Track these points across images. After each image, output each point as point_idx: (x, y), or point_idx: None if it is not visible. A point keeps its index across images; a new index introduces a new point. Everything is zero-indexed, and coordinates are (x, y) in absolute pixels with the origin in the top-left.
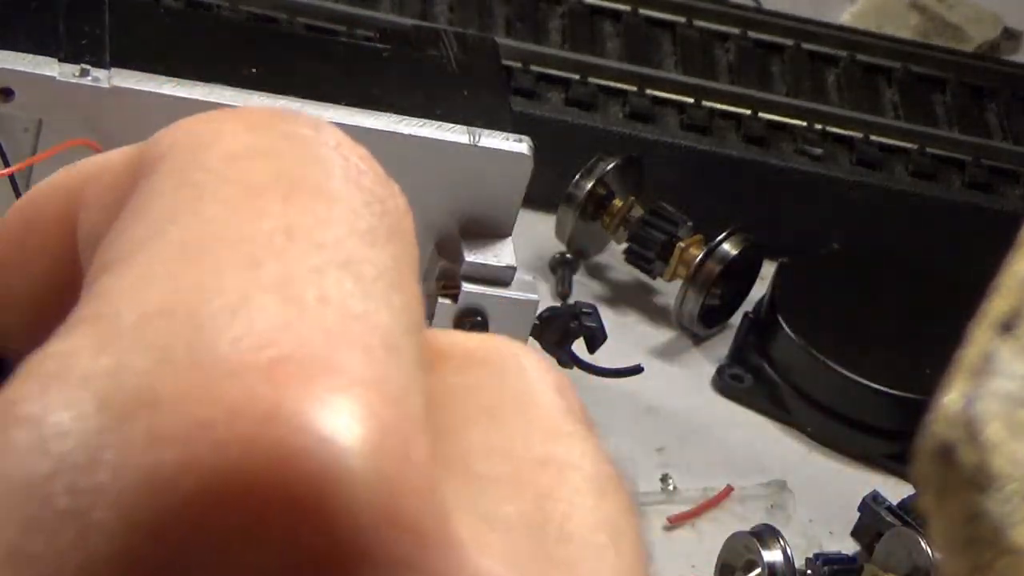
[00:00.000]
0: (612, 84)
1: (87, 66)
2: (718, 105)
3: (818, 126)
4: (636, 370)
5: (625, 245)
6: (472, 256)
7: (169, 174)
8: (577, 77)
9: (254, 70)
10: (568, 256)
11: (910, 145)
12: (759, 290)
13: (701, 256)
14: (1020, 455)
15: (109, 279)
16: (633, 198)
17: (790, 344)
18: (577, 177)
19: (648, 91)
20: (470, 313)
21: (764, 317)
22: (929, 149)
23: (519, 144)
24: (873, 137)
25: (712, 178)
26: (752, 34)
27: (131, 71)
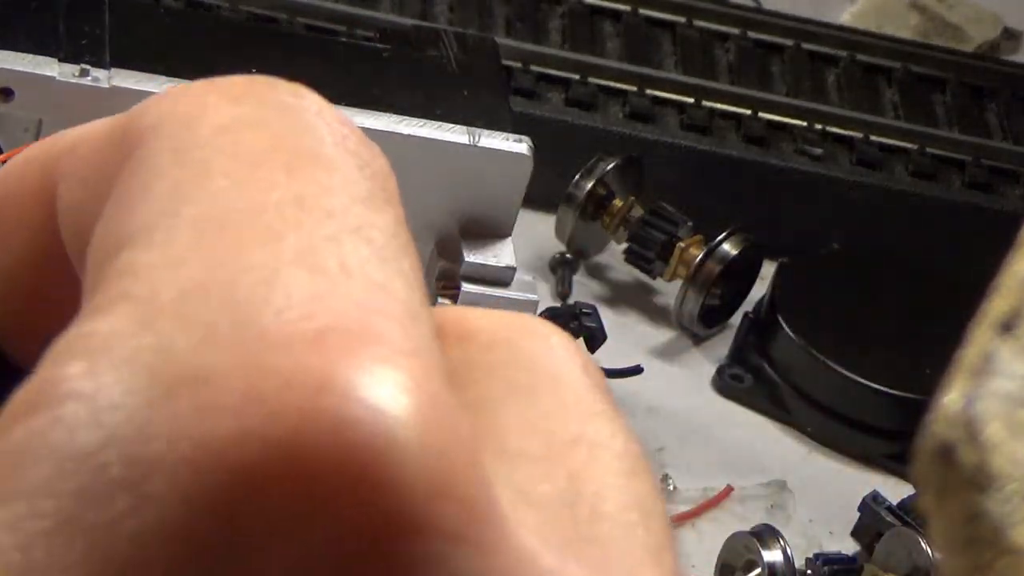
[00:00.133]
0: (612, 84)
1: (87, 66)
2: (718, 105)
3: (818, 126)
4: (636, 370)
5: (625, 245)
6: (472, 256)
7: (164, 150)
8: (577, 77)
9: (254, 70)
10: (568, 256)
11: (910, 145)
12: (759, 290)
13: (701, 256)
14: (1020, 455)
15: (133, 256)
16: (633, 198)
17: (790, 344)
18: (577, 177)
19: (648, 91)
20: None
21: (764, 317)
22: (929, 149)
23: (519, 144)
24: (873, 137)
25: (712, 178)
26: (752, 34)
27: (131, 71)
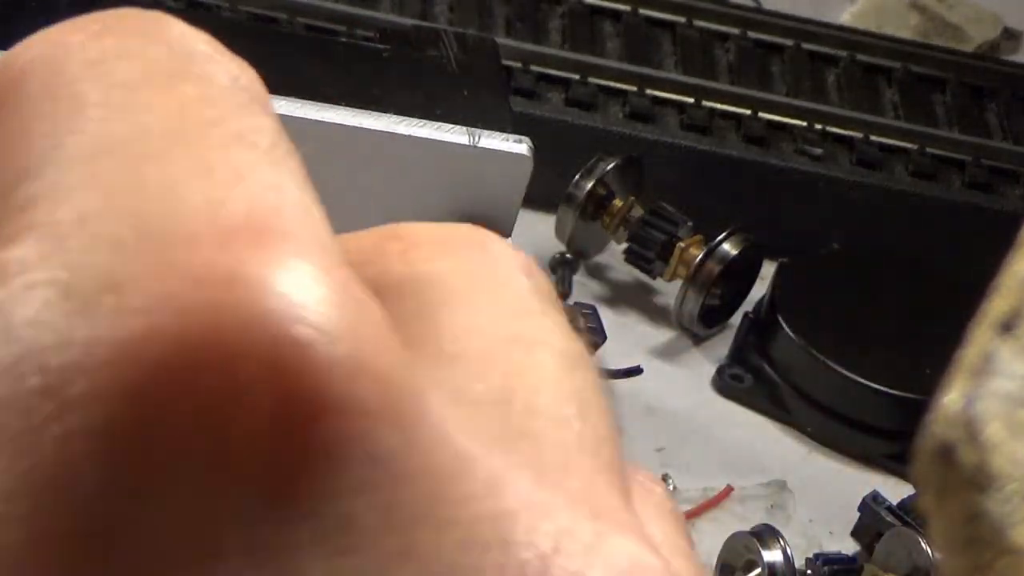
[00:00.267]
0: (612, 84)
1: None
2: (718, 105)
3: (818, 126)
4: (636, 370)
5: (625, 245)
6: None
7: (37, 94)
8: (577, 77)
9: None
10: (568, 256)
11: (910, 145)
12: (759, 290)
13: (701, 256)
14: (1020, 455)
15: (29, 190)
16: (633, 198)
17: (790, 344)
18: (577, 177)
19: (648, 91)
20: None
21: (764, 317)
22: (929, 149)
23: (519, 145)
24: (873, 137)
25: (712, 178)
26: (752, 34)
27: None
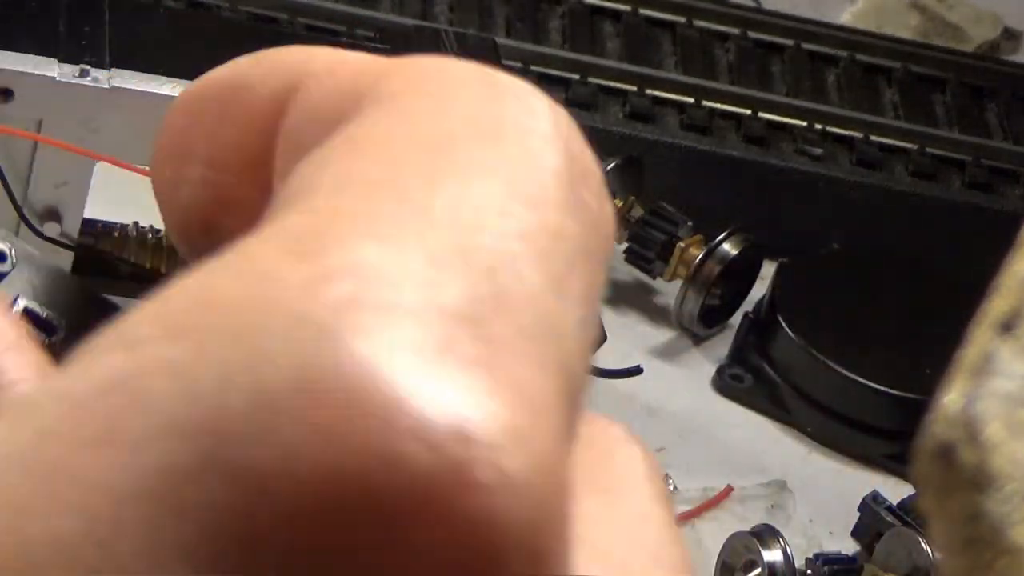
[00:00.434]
0: (612, 84)
1: (87, 66)
2: (718, 105)
3: (818, 126)
4: (636, 371)
5: (625, 245)
6: None
7: (393, 124)
8: (577, 77)
9: None
10: None
11: (910, 145)
12: (759, 290)
13: (701, 256)
14: (1020, 455)
15: (309, 206)
16: (633, 198)
17: (790, 344)
18: None
19: (648, 91)
20: None
21: (764, 317)
22: (929, 149)
23: None
24: (873, 137)
25: (712, 178)
26: (752, 34)
27: (131, 71)
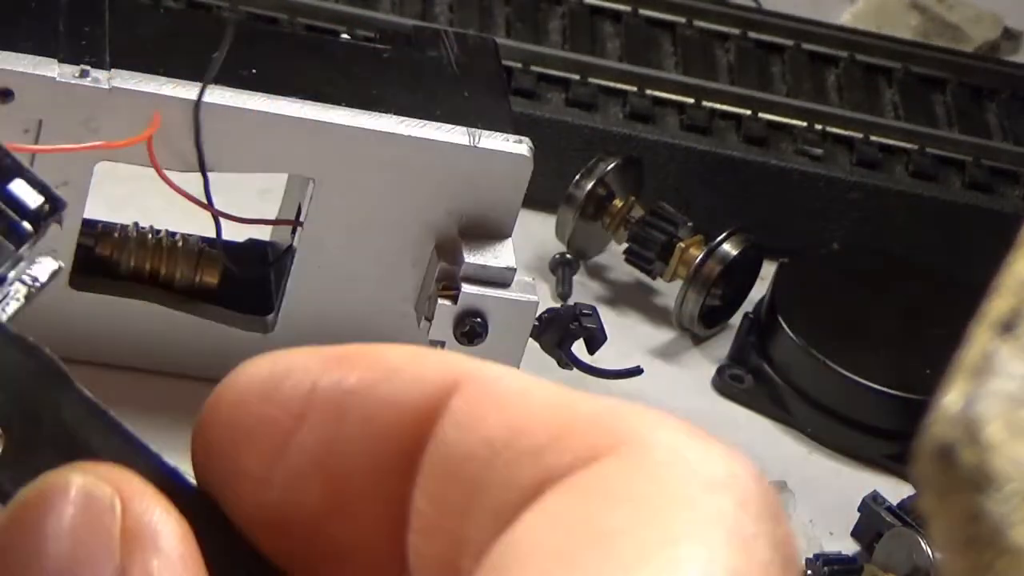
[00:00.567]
0: (612, 84)
1: (87, 67)
2: (718, 105)
3: (818, 126)
4: (636, 371)
5: (625, 245)
6: (472, 257)
7: (652, 505)
8: (577, 77)
9: (254, 70)
10: (568, 256)
11: (910, 145)
12: (759, 290)
13: (701, 256)
14: (1020, 455)
15: None
16: (633, 198)
17: (790, 344)
18: (577, 177)
19: (648, 91)
20: (470, 315)
21: (764, 317)
22: (929, 149)
23: (519, 145)
24: (873, 137)
25: (712, 178)
26: (752, 34)
27: (131, 71)
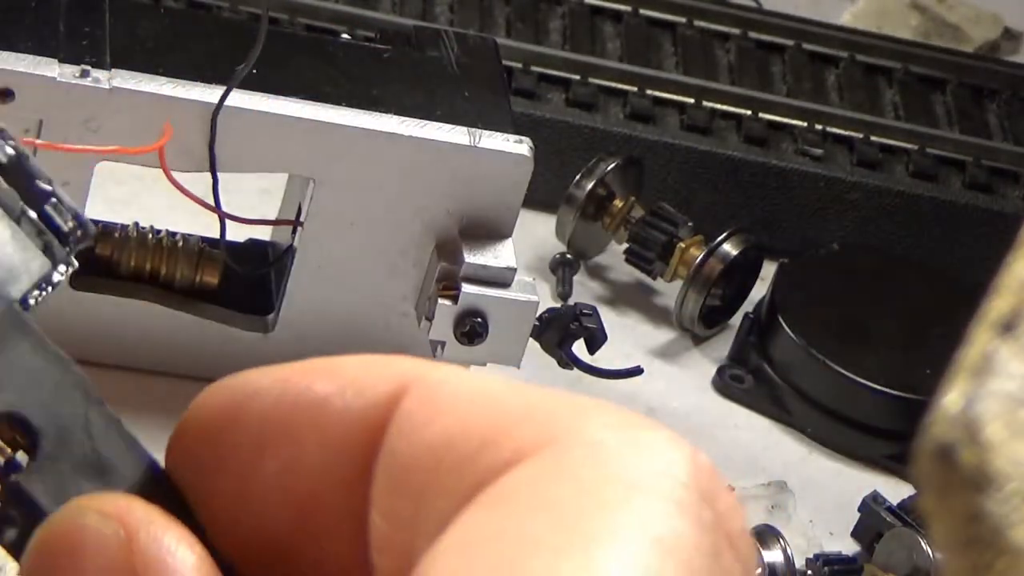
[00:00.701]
0: (612, 84)
1: (87, 66)
2: (718, 105)
3: (818, 126)
4: (636, 371)
5: (625, 245)
6: (472, 257)
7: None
8: (577, 77)
9: (254, 70)
10: (568, 257)
11: (910, 145)
12: (759, 290)
13: (702, 256)
14: (1020, 455)
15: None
16: (633, 198)
17: (790, 344)
18: (577, 178)
19: (648, 91)
20: (470, 315)
21: (764, 317)
22: (929, 149)
23: (519, 145)
24: (873, 137)
25: (712, 178)
26: (752, 34)
27: (131, 71)
